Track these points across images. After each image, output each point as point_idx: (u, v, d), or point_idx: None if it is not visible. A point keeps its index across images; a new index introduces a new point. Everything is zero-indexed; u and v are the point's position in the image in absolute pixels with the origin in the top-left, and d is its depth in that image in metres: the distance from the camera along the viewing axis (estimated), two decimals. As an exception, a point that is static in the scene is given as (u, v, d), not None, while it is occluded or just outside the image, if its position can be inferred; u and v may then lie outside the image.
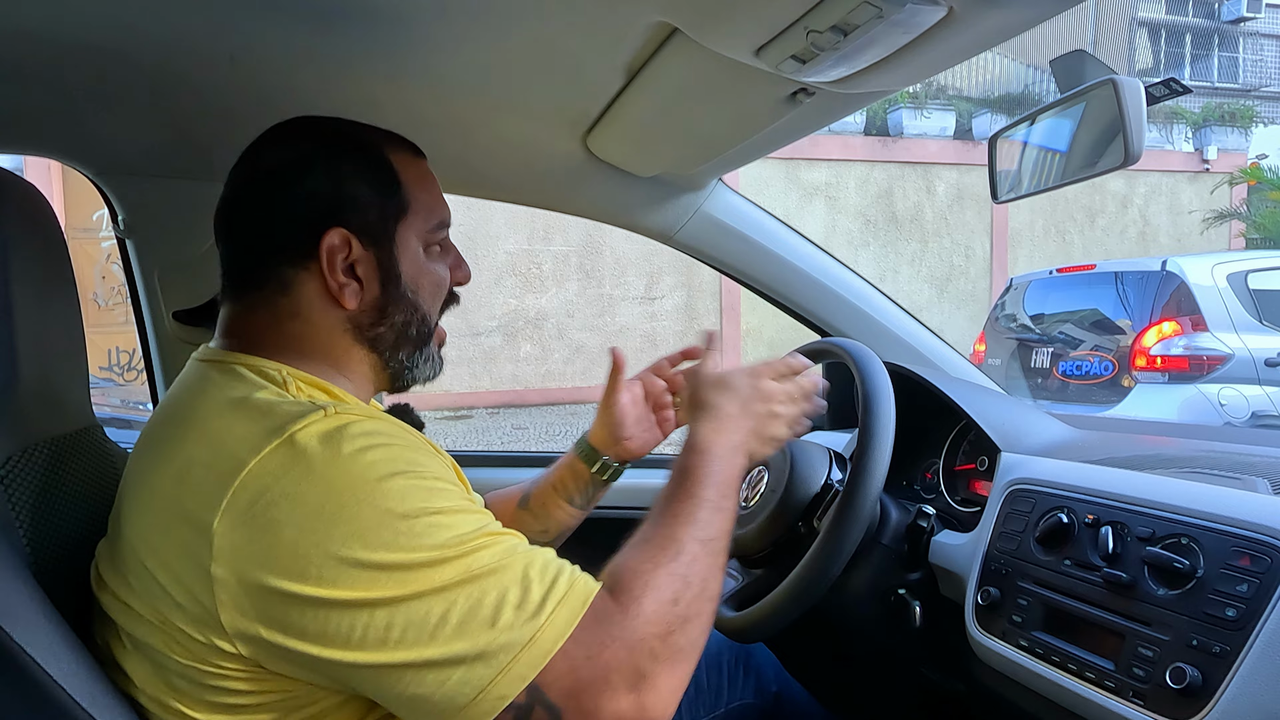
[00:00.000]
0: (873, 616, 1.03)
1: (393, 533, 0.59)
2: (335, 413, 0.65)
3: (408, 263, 0.77)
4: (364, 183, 0.75)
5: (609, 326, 9.39)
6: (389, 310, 0.76)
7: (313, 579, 0.58)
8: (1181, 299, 4.39)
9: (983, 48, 0.74)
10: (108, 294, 8.32)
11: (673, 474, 0.76)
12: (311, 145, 0.76)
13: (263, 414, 0.65)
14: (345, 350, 0.76)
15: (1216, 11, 14.88)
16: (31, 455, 0.70)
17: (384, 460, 0.62)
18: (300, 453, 0.61)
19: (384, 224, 0.76)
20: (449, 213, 0.83)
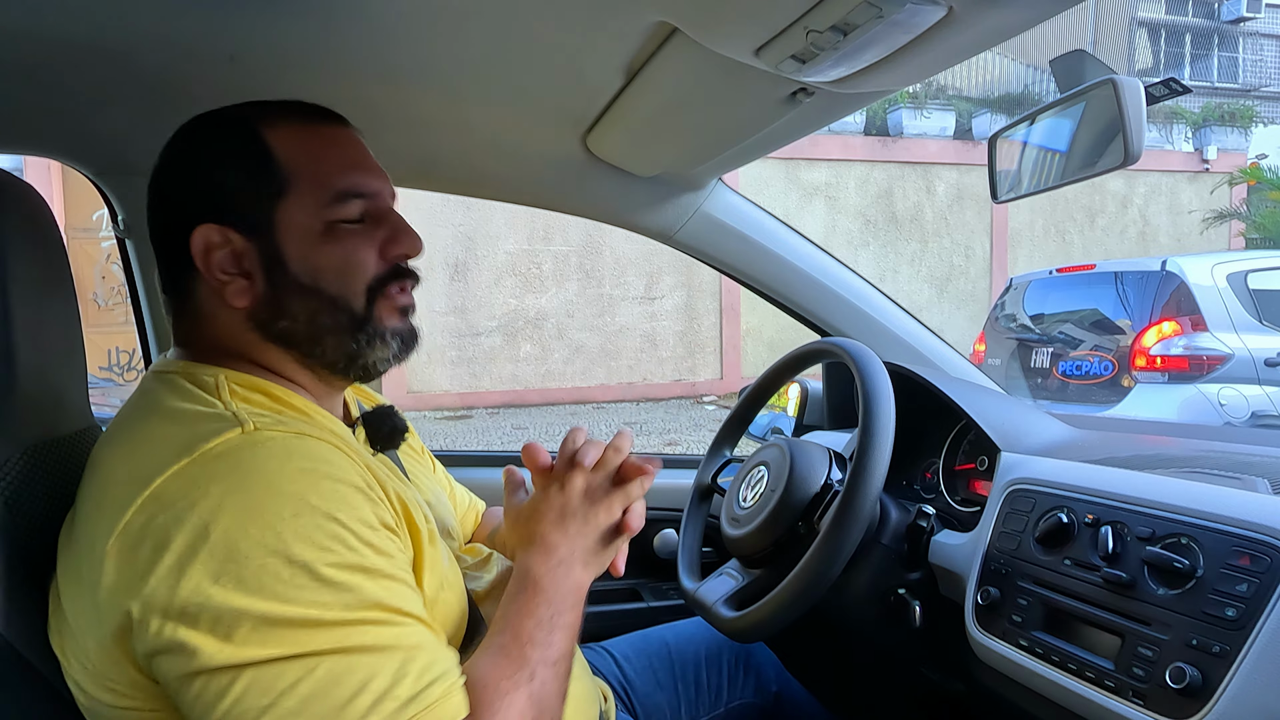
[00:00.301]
0: (873, 616, 1.02)
1: (273, 579, 0.55)
2: (254, 429, 0.61)
3: (295, 247, 0.70)
4: (231, 169, 0.70)
5: (609, 326, 9.39)
6: (284, 303, 0.70)
7: (174, 615, 0.55)
8: (1181, 299, 4.39)
9: (983, 48, 0.74)
10: (108, 294, 8.32)
11: (509, 593, 0.72)
12: (184, 141, 0.73)
13: (180, 429, 0.62)
14: (261, 350, 0.72)
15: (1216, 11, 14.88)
16: (30, 456, 0.70)
17: (291, 492, 0.58)
18: (203, 475, 0.58)
19: (258, 210, 0.69)
20: (363, 181, 0.73)
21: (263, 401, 0.68)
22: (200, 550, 0.55)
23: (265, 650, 0.54)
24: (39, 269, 0.73)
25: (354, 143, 0.76)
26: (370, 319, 0.73)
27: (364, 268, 0.72)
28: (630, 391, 9.44)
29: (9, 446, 0.68)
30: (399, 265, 0.75)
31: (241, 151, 0.70)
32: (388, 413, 0.83)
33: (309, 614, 0.55)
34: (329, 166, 0.72)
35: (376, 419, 0.81)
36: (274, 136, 0.71)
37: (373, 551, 0.60)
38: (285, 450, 0.60)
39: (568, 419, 8.30)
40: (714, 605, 1.02)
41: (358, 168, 0.74)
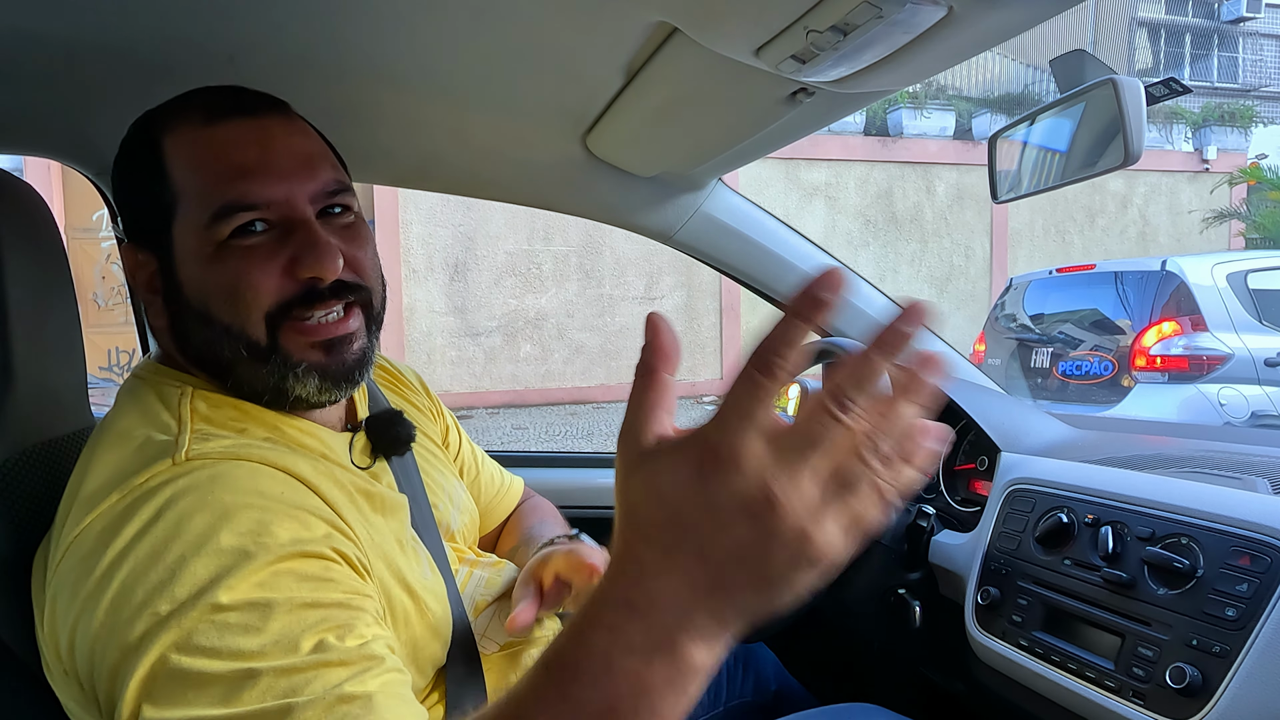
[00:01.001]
0: (873, 616, 1.02)
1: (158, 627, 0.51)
2: (184, 459, 0.58)
3: (187, 269, 0.64)
4: (132, 186, 0.67)
5: (609, 326, 9.39)
6: (185, 329, 0.66)
7: (83, 661, 0.54)
8: (1181, 299, 4.39)
9: (983, 48, 0.74)
10: (108, 294, 8.32)
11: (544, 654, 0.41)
12: (120, 150, 0.70)
13: (121, 455, 0.60)
14: (196, 372, 0.68)
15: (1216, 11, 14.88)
16: (30, 456, 0.70)
17: (194, 536, 0.53)
18: (125, 512, 0.55)
19: (156, 229, 0.65)
20: (251, 190, 0.63)
21: (228, 418, 0.64)
22: (105, 596, 0.53)
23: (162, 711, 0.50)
24: (39, 269, 0.73)
25: (256, 140, 0.65)
26: (277, 349, 0.64)
27: (257, 292, 0.63)
28: (630, 391, 9.43)
29: (8, 446, 0.68)
30: (314, 287, 0.65)
31: (144, 165, 0.66)
32: (393, 419, 0.78)
33: (195, 665, 0.50)
34: (214, 177, 0.63)
35: (380, 426, 0.77)
36: (170, 145, 0.65)
37: (293, 580, 0.54)
38: (209, 482, 0.56)
39: (568, 419, 8.30)
40: (714, 605, 1.02)
41: (251, 174, 0.63)
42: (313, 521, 0.58)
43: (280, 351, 0.64)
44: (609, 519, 0.42)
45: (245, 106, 0.66)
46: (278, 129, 0.67)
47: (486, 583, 0.86)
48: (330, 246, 0.65)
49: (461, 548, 0.87)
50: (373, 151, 1.21)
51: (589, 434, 7.54)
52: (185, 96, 0.68)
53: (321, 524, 0.59)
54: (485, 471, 1.06)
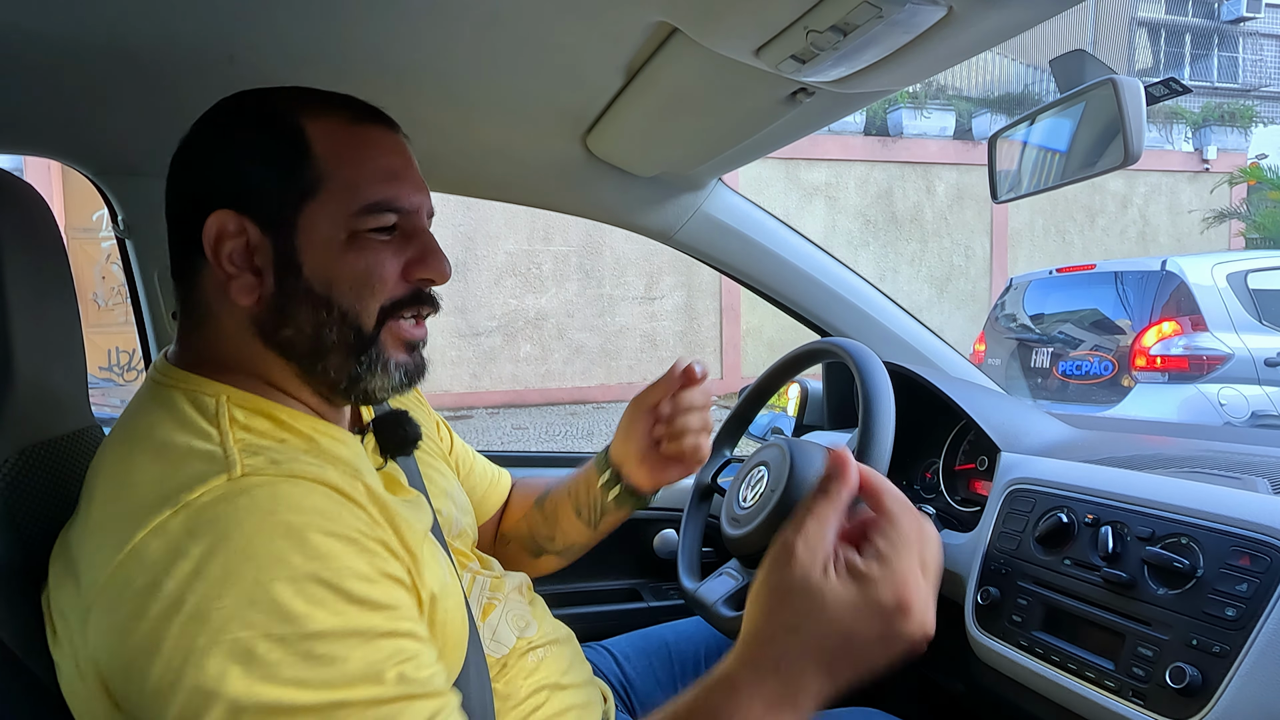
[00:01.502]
0: (872, 616, 1.02)
1: (245, 654, 0.50)
2: (240, 475, 0.56)
3: (314, 252, 0.65)
4: (262, 158, 0.65)
5: (609, 326, 9.39)
6: (289, 309, 0.65)
7: (150, 688, 0.51)
8: (1181, 299, 4.39)
9: (983, 48, 0.74)
10: (108, 294, 8.32)
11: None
12: (215, 121, 0.69)
13: (169, 472, 0.58)
14: (261, 358, 0.67)
15: (1216, 11, 14.89)
16: (29, 456, 0.70)
17: (270, 557, 0.53)
18: (183, 531, 0.54)
19: (282, 205, 0.65)
20: (400, 194, 0.68)
21: (265, 428, 0.64)
22: (174, 621, 0.52)
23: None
24: (38, 269, 0.73)
25: (399, 150, 0.70)
26: (376, 342, 0.68)
27: (383, 284, 0.67)
28: (630, 391, 9.41)
29: (7, 446, 0.68)
30: (420, 290, 0.70)
31: (278, 141, 0.66)
32: (399, 419, 0.79)
33: (283, 698, 0.50)
34: (367, 173, 0.67)
35: (387, 426, 0.78)
36: (315, 130, 0.66)
37: (368, 609, 0.55)
38: (271, 501, 0.56)
39: (568, 419, 8.31)
40: (714, 605, 1.02)
41: (398, 179, 0.68)
42: (373, 546, 0.58)
43: (377, 345, 0.68)
44: None
45: (383, 118, 0.71)
46: (408, 146, 0.73)
47: (491, 586, 0.86)
48: (444, 256, 0.71)
49: (464, 551, 0.87)
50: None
51: (589, 434, 7.54)
52: (304, 91, 0.70)
53: (380, 548, 0.59)
54: (477, 465, 1.07)
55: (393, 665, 0.54)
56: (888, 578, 0.50)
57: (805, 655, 0.50)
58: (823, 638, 0.49)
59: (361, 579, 0.55)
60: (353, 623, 0.53)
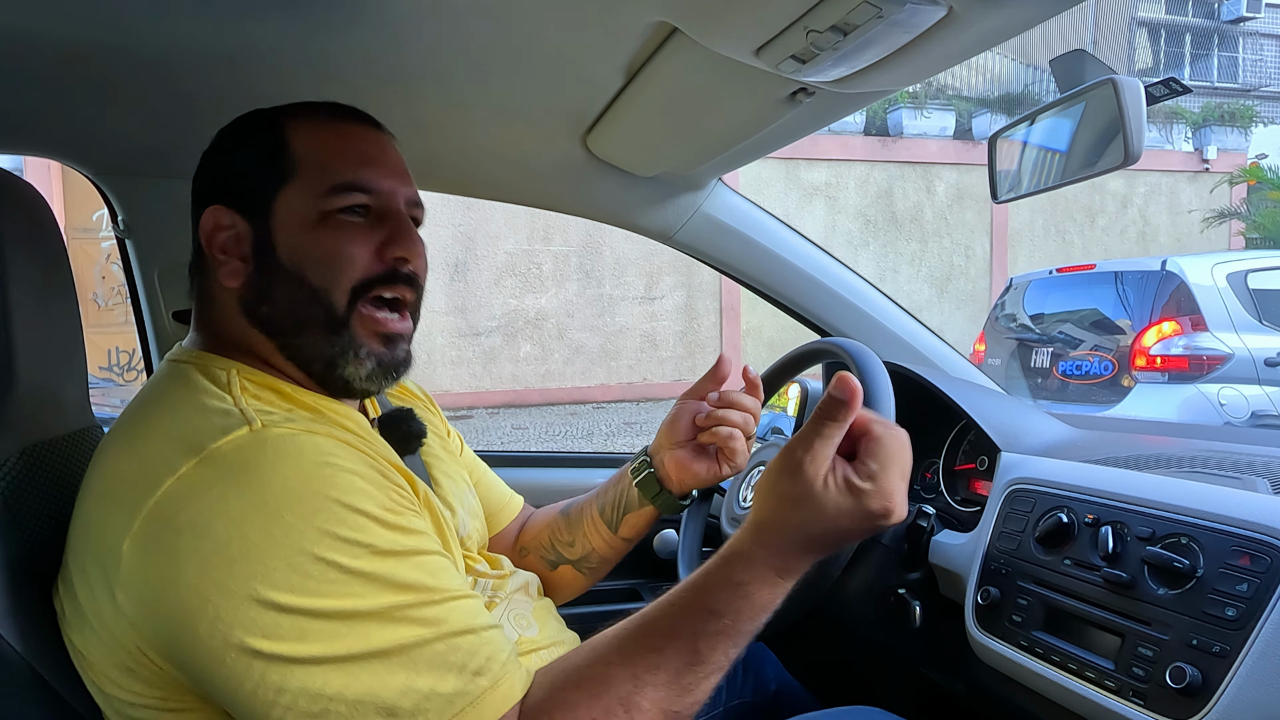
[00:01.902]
0: (873, 616, 1.02)
1: (302, 576, 0.55)
2: (263, 427, 0.60)
3: (287, 233, 0.70)
4: (249, 155, 0.72)
5: (609, 326, 9.39)
6: (267, 287, 0.70)
7: (208, 619, 0.54)
8: (1181, 299, 4.39)
9: (983, 48, 0.74)
10: (108, 294, 8.32)
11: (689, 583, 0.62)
12: (222, 134, 0.76)
13: (189, 427, 0.61)
14: (250, 337, 0.71)
15: (1216, 11, 14.88)
16: (30, 456, 0.70)
17: (306, 489, 0.57)
18: (215, 475, 0.57)
19: (261, 192, 0.71)
20: (370, 177, 0.72)
21: (272, 399, 0.68)
22: (224, 554, 0.55)
23: (308, 647, 0.54)
24: (39, 269, 0.73)
25: (375, 141, 0.75)
26: (348, 325, 0.71)
27: (352, 263, 0.70)
28: (630, 391, 9.44)
29: (8, 446, 0.68)
30: (395, 269, 0.72)
31: (260, 140, 0.72)
32: (404, 416, 0.82)
33: (344, 605, 0.55)
34: (337, 158, 0.72)
35: (392, 424, 0.80)
36: (294, 128, 0.72)
37: (400, 533, 0.60)
38: (296, 447, 0.60)
39: (568, 419, 8.30)
40: (714, 605, 1.02)
41: (369, 163, 0.73)
42: (392, 488, 0.63)
43: (350, 329, 0.71)
44: None
45: (365, 117, 0.76)
46: (390, 143, 0.77)
47: (493, 586, 0.86)
48: (418, 236, 0.75)
49: (471, 553, 0.87)
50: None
51: (589, 434, 7.54)
52: (297, 104, 0.76)
53: (397, 492, 0.64)
54: (487, 482, 1.07)
55: (430, 576, 0.59)
56: (877, 491, 0.60)
57: (805, 543, 0.61)
58: (822, 533, 0.61)
59: (385, 508, 0.60)
60: (384, 543, 0.58)
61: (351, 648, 0.55)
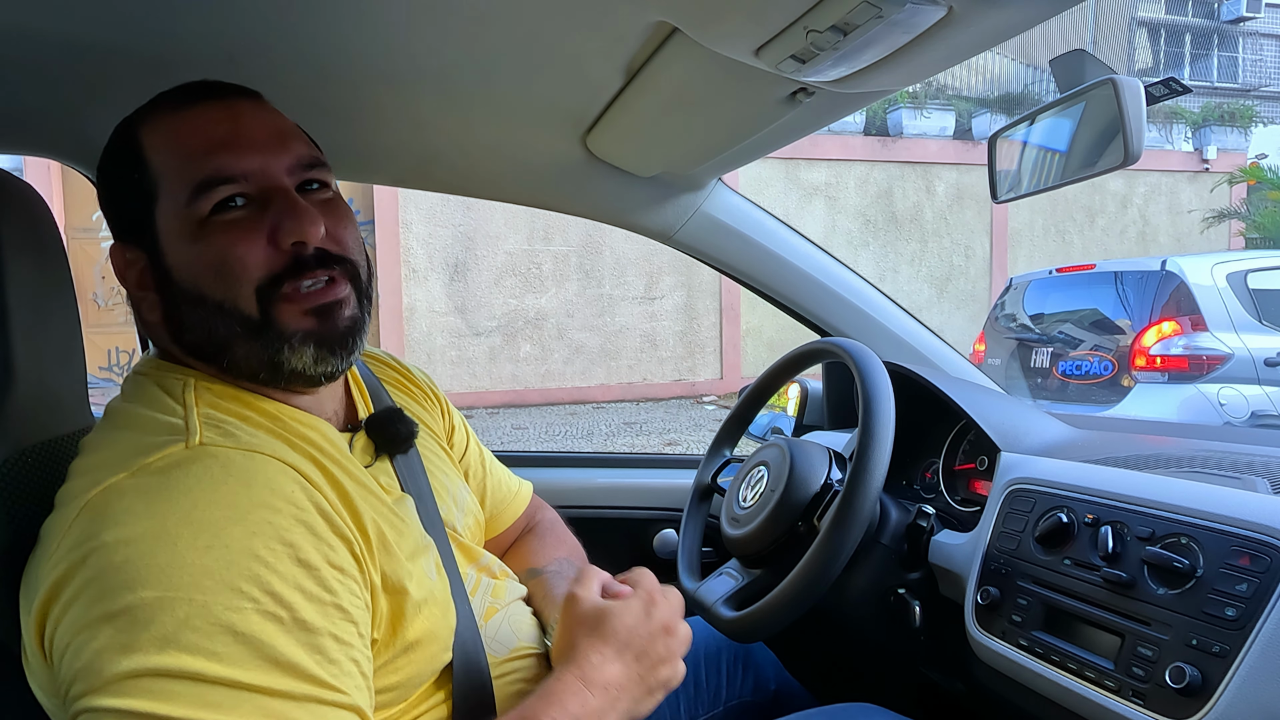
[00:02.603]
0: (872, 616, 1.02)
1: (173, 623, 0.50)
2: (199, 443, 0.57)
3: (174, 253, 0.64)
4: (119, 179, 0.67)
5: (609, 326, 9.39)
6: (178, 316, 0.66)
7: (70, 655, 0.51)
8: (1181, 299, 4.39)
9: (983, 48, 0.74)
10: (108, 294, 8.31)
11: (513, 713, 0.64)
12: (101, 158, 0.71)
13: (129, 436, 0.59)
14: (192, 363, 0.68)
15: (1216, 11, 14.88)
16: (29, 456, 0.70)
17: (208, 524, 0.53)
18: (132, 492, 0.55)
19: (140, 218, 0.65)
20: (227, 163, 0.63)
21: (231, 407, 0.65)
22: (103, 577, 0.52)
23: (154, 704, 0.49)
24: (39, 269, 0.73)
25: (226, 118, 0.66)
26: (270, 323, 0.64)
27: (245, 264, 0.63)
28: (630, 391, 9.44)
29: (8, 446, 0.68)
30: (300, 255, 0.65)
31: (124, 161, 0.67)
32: (392, 417, 0.79)
33: (194, 666, 0.50)
34: (189, 154, 0.64)
35: (380, 424, 0.78)
36: (146, 135, 0.66)
37: (300, 596, 0.54)
38: (223, 471, 0.56)
39: (568, 419, 8.30)
40: (714, 605, 1.02)
41: (224, 147, 0.64)
42: (320, 528, 0.59)
43: (274, 324, 0.64)
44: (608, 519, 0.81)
45: (214, 91, 0.68)
46: (247, 108, 0.68)
47: (494, 591, 0.85)
48: (310, 211, 0.65)
49: (472, 547, 0.86)
50: (373, 151, 1.21)
51: (589, 434, 7.54)
52: (159, 94, 0.70)
53: (327, 530, 0.59)
54: (494, 475, 1.03)
55: (310, 660, 0.54)
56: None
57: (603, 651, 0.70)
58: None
59: (299, 564, 0.55)
60: (279, 609, 0.53)
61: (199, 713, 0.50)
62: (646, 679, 0.69)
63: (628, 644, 0.69)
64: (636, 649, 0.69)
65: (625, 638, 0.69)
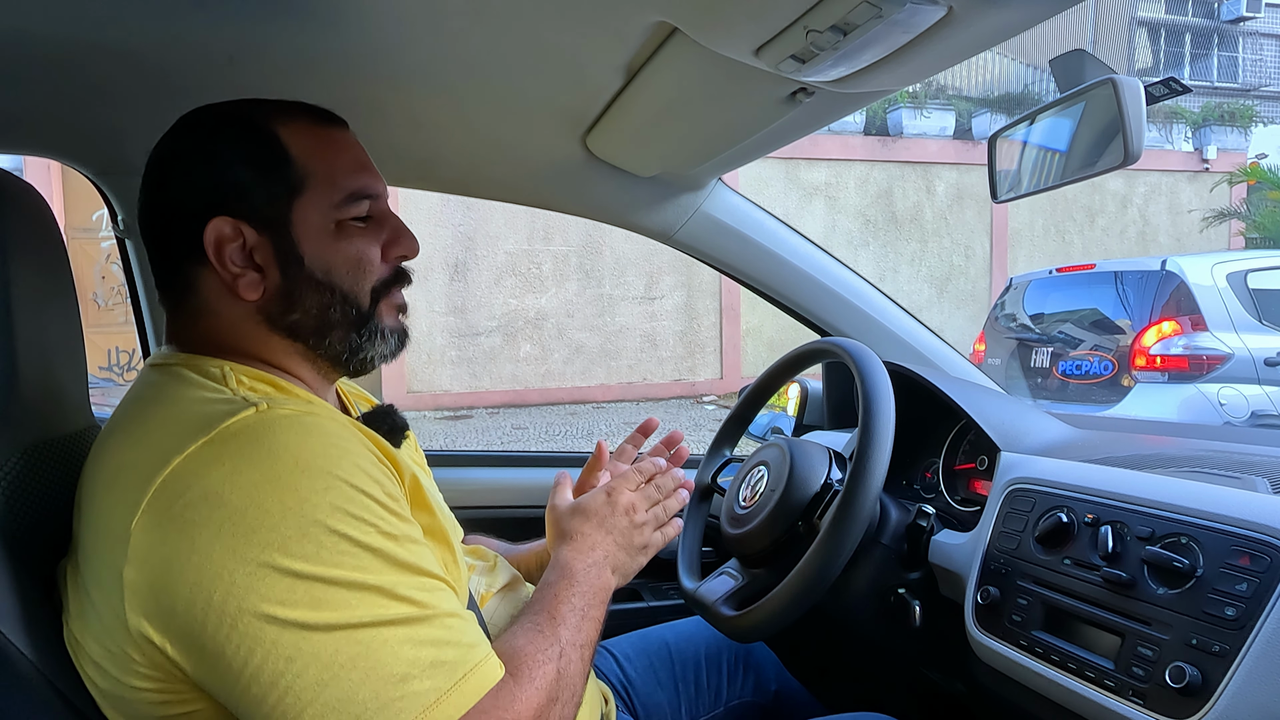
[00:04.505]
0: (872, 616, 1.02)
1: (316, 545, 0.57)
2: (269, 408, 0.62)
3: (311, 243, 0.72)
4: (247, 165, 0.71)
5: (609, 326, 9.39)
6: (297, 296, 0.72)
7: (222, 587, 0.55)
8: (1181, 298, 4.39)
9: (983, 48, 0.74)
10: (108, 294, 8.32)
11: (545, 581, 0.80)
12: (191, 134, 0.73)
13: (194, 412, 0.63)
14: (265, 343, 0.73)
15: (1216, 11, 14.89)
16: (31, 456, 0.70)
17: (316, 465, 0.60)
18: (226, 451, 0.59)
19: (274, 205, 0.71)
20: (370, 183, 0.76)
21: (268, 391, 0.69)
22: (239, 523, 0.56)
23: (321, 614, 0.56)
24: (39, 269, 0.73)
25: (357, 145, 0.78)
26: (373, 316, 0.76)
27: (372, 266, 0.75)
28: (630, 391, 9.44)
29: (8, 446, 0.68)
30: (399, 268, 0.78)
31: (258, 149, 0.71)
32: (386, 412, 0.84)
33: (355, 577, 0.57)
34: (340, 167, 0.74)
35: (376, 419, 0.81)
36: (288, 135, 0.72)
37: (398, 520, 0.62)
38: (303, 427, 0.62)
39: (568, 419, 8.30)
40: (714, 605, 1.02)
41: (365, 170, 0.76)
42: (392, 478, 0.66)
43: (375, 318, 0.76)
44: None
45: (339, 119, 0.78)
46: (358, 141, 0.79)
47: (486, 583, 0.88)
48: (413, 234, 0.80)
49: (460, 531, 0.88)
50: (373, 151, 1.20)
51: (589, 434, 7.54)
52: (263, 101, 0.76)
53: (399, 484, 0.67)
54: None
55: (422, 560, 0.62)
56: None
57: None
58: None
59: (389, 496, 0.63)
60: (392, 528, 0.61)
61: (363, 616, 0.57)
62: (626, 542, 0.86)
63: (600, 522, 0.86)
64: (608, 524, 0.86)
65: (597, 518, 0.86)
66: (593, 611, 0.78)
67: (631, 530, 0.87)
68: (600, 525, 0.85)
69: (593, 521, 0.86)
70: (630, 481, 0.89)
